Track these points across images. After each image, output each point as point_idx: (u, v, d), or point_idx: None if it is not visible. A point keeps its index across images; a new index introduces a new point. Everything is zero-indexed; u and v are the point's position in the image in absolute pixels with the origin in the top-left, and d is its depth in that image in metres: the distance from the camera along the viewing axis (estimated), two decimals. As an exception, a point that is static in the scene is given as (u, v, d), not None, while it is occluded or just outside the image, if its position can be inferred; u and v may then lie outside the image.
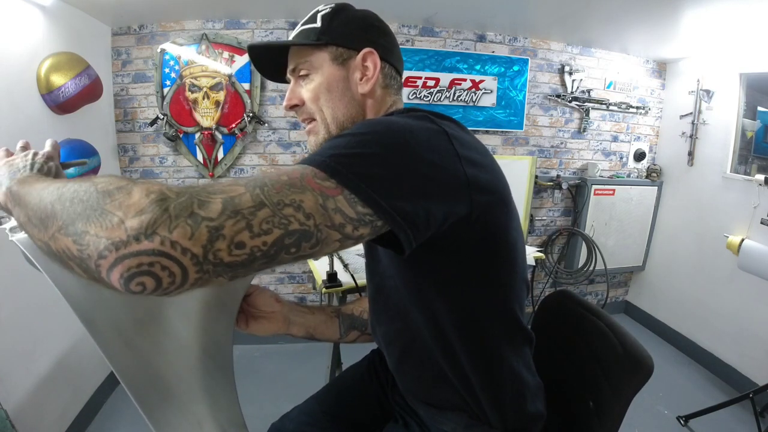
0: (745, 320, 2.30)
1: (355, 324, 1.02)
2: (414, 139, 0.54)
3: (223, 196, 0.40)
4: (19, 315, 1.58)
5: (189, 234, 0.37)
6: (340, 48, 0.73)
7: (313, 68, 0.74)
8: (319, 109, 0.74)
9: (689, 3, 1.91)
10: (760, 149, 2.31)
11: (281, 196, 0.42)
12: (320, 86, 0.73)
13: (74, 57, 1.83)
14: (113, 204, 0.37)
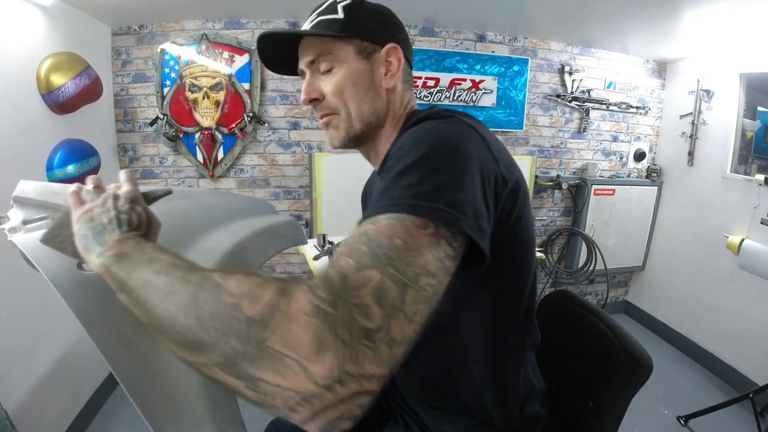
0: (745, 320, 2.30)
1: None
2: (466, 152, 0.53)
3: (369, 290, 0.38)
4: (19, 315, 1.58)
5: (373, 359, 0.35)
6: (365, 42, 0.71)
7: (337, 61, 0.70)
8: (342, 103, 0.72)
9: (689, 3, 1.91)
10: (760, 149, 2.31)
11: (411, 267, 0.41)
12: (345, 80, 0.70)
13: (74, 57, 1.83)
14: (277, 341, 0.34)
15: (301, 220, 2.65)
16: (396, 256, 0.41)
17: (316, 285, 0.37)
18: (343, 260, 0.41)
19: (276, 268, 2.70)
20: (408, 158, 0.51)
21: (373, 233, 0.44)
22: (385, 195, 0.49)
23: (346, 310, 0.36)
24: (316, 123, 2.56)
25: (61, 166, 1.77)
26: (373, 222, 0.45)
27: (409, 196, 0.46)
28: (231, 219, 0.70)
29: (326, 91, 0.71)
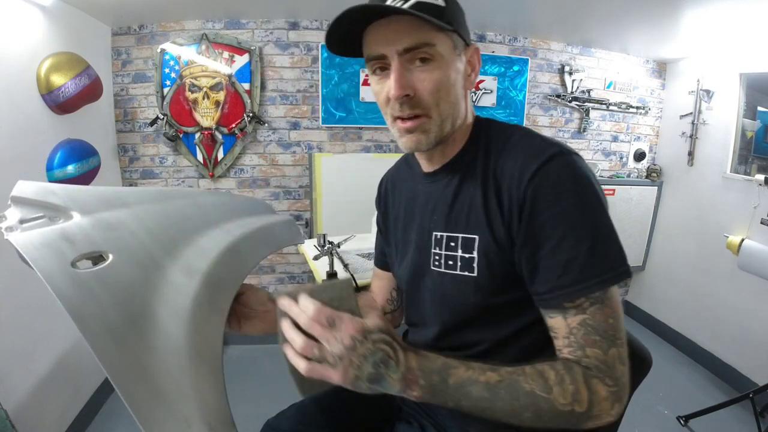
0: (745, 320, 2.30)
1: None
2: (602, 194, 0.63)
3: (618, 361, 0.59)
4: (19, 315, 1.59)
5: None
6: (460, 38, 0.66)
7: (438, 55, 0.63)
8: (435, 103, 0.65)
9: (689, 3, 1.90)
10: (760, 149, 2.30)
11: (621, 328, 0.61)
12: (444, 77, 0.64)
13: (74, 57, 1.84)
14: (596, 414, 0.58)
15: (301, 220, 2.66)
16: (614, 331, 0.59)
17: (599, 376, 0.58)
18: (590, 351, 0.59)
19: (276, 268, 2.70)
20: (565, 223, 0.60)
21: (591, 321, 0.59)
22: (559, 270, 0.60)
23: (621, 385, 0.59)
24: (316, 123, 2.56)
25: (61, 166, 1.78)
26: (582, 310, 0.60)
27: (587, 275, 0.58)
28: (227, 218, 0.70)
29: (421, 88, 0.64)
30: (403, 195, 0.88)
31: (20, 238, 0.48)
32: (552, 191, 0.60)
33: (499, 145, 0.69)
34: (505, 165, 0.66)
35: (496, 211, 0.66)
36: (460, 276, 0.71)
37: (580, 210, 0.60)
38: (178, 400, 0.41)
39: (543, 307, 0.64)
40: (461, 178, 0.73)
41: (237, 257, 0.64)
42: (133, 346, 0.43)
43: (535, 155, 0.63)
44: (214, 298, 0.55)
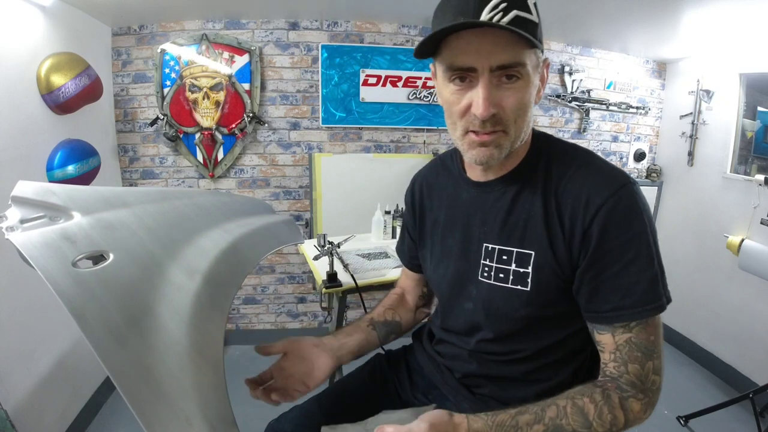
0: (745, 320, 2.30)
1: (391, 329, 0.99)
2: (654, 226, 0.67)
3: (653, 372, 0.66)
4: (19, 315, 1.59)
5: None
6: (540, 54, 0.64)
7: (527, 73, 0.62)
8: (514, 120, 0.64)
9: (689, 3, 1.90)
10: (760, 149, 2.30)
11: (660, 344, 0.67)
12: (526, 98, 0.63)
13: (74, 57, 1.84)
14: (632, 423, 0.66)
15: (301, 220, 2.66)
16: (653, 347, 0.66)
17: (634, 394, 0.66)
18: (632, 367, 0.66)
19: (276, 268, 2.70)
20: (632, 250, 0.64)
21: (636, 340, 0.66)
22: (622, 292, 0.65)
23: (652, 393, 0.67)
24: (316, 123, 2.56)
25: (61, 166, 1.78)
26: (629, 329, 0.66)
27: (646, 300, 0.64)
28: (226, 218, 0.70)
29: (505, 106, 0.63)
30: (443, 200, 0.86)
31: (21, 237, 0.48)
32: (622, 220, 0.64)
33: (563, 166, 0.70)
34: (569, 185, 0.68)
35: (557, 230, 0.68)
36: (511, 290, 0.73)
37: (645, 239, 0.64)
38: (180, 399, 0.41)
39: (594, 322, 0.70)
40: (517, 192, 0.73)
41: (237, 257, 0.64)
42: (135, 345, 0.43)
43: (606, 183, 0.65)
44: (215, 298, 0.55)
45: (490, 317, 0.77)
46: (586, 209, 0.65)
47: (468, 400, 0.84)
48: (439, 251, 0.86)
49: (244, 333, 2.75)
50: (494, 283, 0.75)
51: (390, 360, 1.02)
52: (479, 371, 0.83)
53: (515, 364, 0.79)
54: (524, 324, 0.74)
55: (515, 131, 0.65)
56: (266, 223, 0.76)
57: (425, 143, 2.69)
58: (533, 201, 0.71)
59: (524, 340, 0.77)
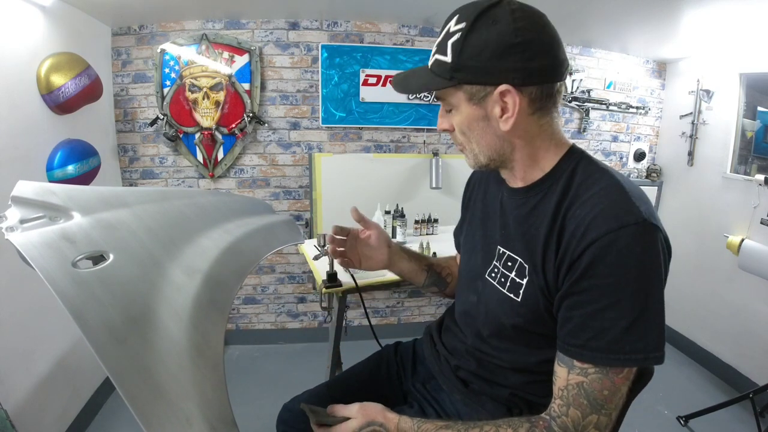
0: (745, 320, 2.30)
1: (437, 283, 1.09)
2: (660, 281, 0.62)
3: (592, 426, 0.63)
4: (19, 315, 1.59)
5: None
6: (474, 86, 0.67)
7: (452, 105, 0.72)
8: (467, 140, 0.74)
9: (689, 3, 1.90)
10: (760, 149, 2.30)
11: (613, 402, 0.63)
12: (461, 124, 0.72)
13: (74, 57, 1.84)
14: None
15: (301, 220, 2.66)
16: (604, 401, 0.63)
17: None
18: (572, 411, 0.64)
19: (276, 268, 2.70)
20: (614, 295, 0.60)
21: (588, 387, 0.63)
22: (590, 333, 0.62)
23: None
24: (316, 123, 2.56)
25: (61, 166, 1.78)
26: (585, 374, 0.63)
27: (612, 349, 0.60)
28: (227, 218, 0.70)
29: (454, 126, 0.74)
30: (487, 196, 0.90)
31: (21, 238, 0.48)
32: (612, 261, 0.60)
33: (581, 187, 0.68)
34: (577, 211, 0.66)
35: (552, 252, 0.68)
36: (505, 296, 0.76)
37: (633, 288, 0.60)
38: (179, 399, 0.41)
39: (559, 350, 0.68)
40: (535, 204, 0.74)
41: (237, 257, 0.64)
42: (134, 345, 0.43)
43: (610, 217, 0.61)
44: (215, 297, 0.55)
45: (488, 315, 0.81)
46: (581, 240, 0.62)
47: (461, 392, 0.89)
48: (468, 241, 0.93)
49: (244, 333, 2.75)
50: (495, 285, 0.79)
51: (398, 350, 1.10)
52: (473, 367, 0.87)
53: (505, 371, 0.82)
54: (514, 333, 0.77)
55: (472, 148, 0.74)
56: (266, 223, 0.77)
57: (425, 143, 2.69)
58: (544, 218, 0.71)
59: (516, 349, 0.79)
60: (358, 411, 0.76)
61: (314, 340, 2.77)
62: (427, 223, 2.30)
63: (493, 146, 0.72)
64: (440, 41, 0.68)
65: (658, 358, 0.60)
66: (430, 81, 0.70)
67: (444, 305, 2.93)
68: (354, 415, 0.76)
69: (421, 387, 0.98)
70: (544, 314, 0.71)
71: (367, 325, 1.46)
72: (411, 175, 2.65)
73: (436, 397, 0.94)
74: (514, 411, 0.82)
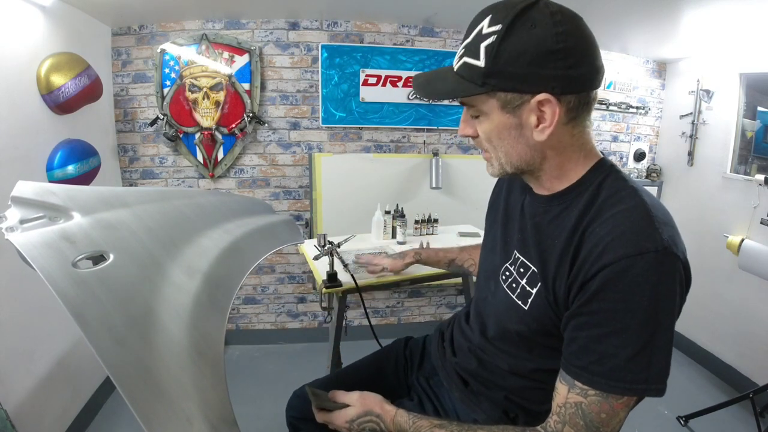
0: (745, 320, 2.30)
1: (459, 273, 1.23)
2: (671, 312, 0.60)
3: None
4: (19, 315, 1.59)
5: None
6: (510, 94, 0.63)
7: (482, 112, 0.67)
8: (492, 147, 0.70)
9: (689, 3, 1.90)
10: (760, 149, 2.30)
11: (610, 426, 0.62)
12: (490, 132, 0.68)
13: (74, 57, 1.84)
14: None
15: (301, 220, 2.66)
16: (601, 424, 0.61)
17: None
18: (567, 429, 0.63)
19: (276, 268, 2.70)
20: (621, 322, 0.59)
21: (586, 408, 0.62)
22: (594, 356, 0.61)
23: None
24: (316, 123, 2.56)
25: (61, 166, 1.78)
26: (585, 395, 0.62)
27: (613, 377, 0.59)
28: (227, 218, 0.70)
29: (478, 132, 0.71)
30: (511, 197, 0.89)
31: (21, 238, 0.48)
32: (624, 288, 0.58)
33: (605, 204, 0.65)
34: (597, 228, 0.63)
35: (566, 268, 0.66)
36: (513, 302, 0.75)
37: (642, 318, 0.58)
38: (180, 399, 0.41)
39: (562, 368, 0.67)
40: (557, 215, 0.72)
41: (237, 257, 0.64)
42: (135, 345, 0.43)
43: (629, 243, 0.58)
44: (215, 297, 0.55)
45: (495, 317, 0.81)
46: (596, 261, 0.60)
47: (460, 390, 0.90)
48: (488, 238, 0.94)
49: (244, 333, 2.75)
50: (505, 289, 0.79)
51: (408, 345, 1.13)
52: (473, 366, 0.87)
53: (503, 374, 0.82)
54: (518, 338, 0.76)
55: (498, 156, 0.71)
56: (266, 223, 0.77)
57: (425, 143, 2.69)
58: (562, 230, 0.69)
59: (516, 354, 0.79)
60: (357, 399, 0.78)
61: (314, 340, 2.77)
62: (427, 223, 2.30)
63: (523, 156, 0.69)
64: (470, 43, 0.63)
65: (659, 390, 0.59)
66: (460, 87, 0.65)
67: (444, 305, 2.94)
68: (353, 403, 0.78)
69: (424, 382, 1.00)
70: (551, 327, 0.70)
71: (367, 325, 1.47)
72: (411, 175, 2.65)
73: (436, 393, 0.96)
74: (510, 415, 0.82)
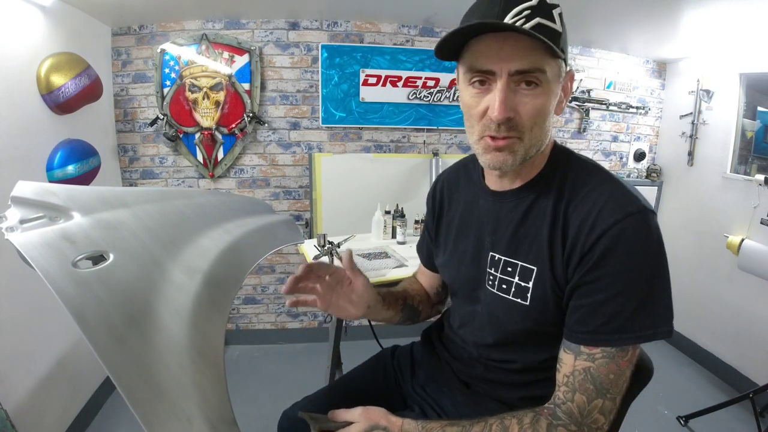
0: (745, 320, 2.30)
1: (411, 317, 1.03)
2: (665, 263, 0.64)
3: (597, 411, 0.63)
4: (19, 315, 1.58)
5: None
6: (563, 65, 0.64)
7: (545, 81, 0.62)
8: (530, 127, 0.64)
9: (689, 3, 1.90)
10: (760, 149, 2.30)
11: (618, 386, 0.63)
12: (544, 105, 0.63)
13: (74, 57, 1.84)
14: None
15: (301, 220, 2.66)
16: (610, 386, 0.63)
17: (566, 424, 0.64)
18: (578, 396, 0.64)
19: (276, 268, 2.70)
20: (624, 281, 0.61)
21: (594, 372, 0.63)
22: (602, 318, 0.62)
23: (588, 430, 0.63)
24: (316, 123, 2.56)
25: (61, 166, 1.78)
26: (592, 359, 0.63)
27: (624, 329, 0.61)
28: (226, 218, 0.70)
29: (522, 111, 0.63)
30: (460, 203, 0.88)
31: (21, 238, 0.48)
32: (622, 250, 0.61)
33: (578, 184, 0.68)
34: (578, 207, 0.66)
35: (559, 249, 0.67)
36: (512, 302, 0.74)
37: (642, 271, 0.62)
38: (180, 399, 0.41)
39: (566, 339, 0.68)
40: (530, 205, 0.72)
41: (237, 257, 0.64)
42: (135, 345, 0.43)
43: (612, 210, 0.62)
44: (215, 297, 0.55)
45: (492, 324, 0.79)
46: (590, 233, 0.63)
47: (463, 393, 0.88)
48: (452, 253, 0.88)
49: (244, 333, 2.75)
50: (497, 293, 0.77)
51: (395, 354, 1.07)
52: (478, 372, 0.86)
53: (513, 373, 0.81)
54: (523, 336, 0.76)
55: (530, 138, 0.65)
56: (266, 222, 0.77)
57: (425, 143, 2.69)
58: (543, 217, 0.70)
59: (523, 351, 0.78)
60: (360, 415, 0.74)
61: (314, 340, 2.77)
62: (427, 223, 2.30)
63: (547, 133, 0.68)
64: (537, 6, 0.59)
65: (667, 332, 0.63)
66: (552, 44, 0.58)
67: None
68: (356, 419, 0.74)
69: (420, 390, 0.97)
70: (554, 311, 0.70)
71: (367, 325, 1.46)
72: (411, 175, 2.65)
73: (436, 400, 0.93)
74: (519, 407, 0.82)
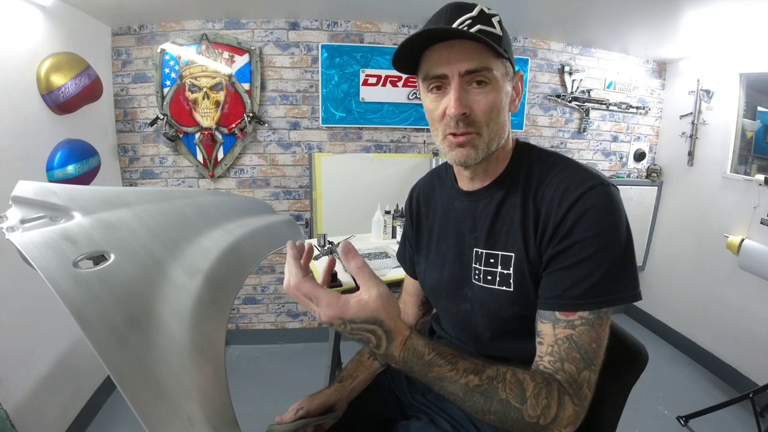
0: (745, 320, 2.30)
1: None
2: (628, 227, 0.67)
3: (586, 384, 0.63)
4: (19, 315, 1.59)
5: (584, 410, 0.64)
6: (510, 65, 0.72)
7: (495, 79, 0.68)
8: (486, 123, 0.70)
9: (689, 3, 1.91)
10: (760, 149, 2.31)
11: (600, 356, 0.65)
12: (496, 101, 0.69)
13: (74, 57, 1.84)
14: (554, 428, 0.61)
15: (301, 220, 2.65)
16: (594, 356, 0.64)
17: (572, 396, 0.62)
18: (568, 366, 0.64)
19: (276, 268, 2.70)
20: (591, 247, 0.65)
21: (578, 339, 0.64)
22: (569, 282, 0.65)
23: (581, 404, 0.63)
24: (316, 123, 2.56)
25: (61, 166, 1.78)
26: (572, 326, 0.65)
27: (591, 294, 0.64)
28: (227, 218, 0.70)
29: (476, 108, 0.69)
30: (437, 209, 0.90)
31: (21, 238, 0.48)
32: (588, 218, 0.65)
33: (542, 172, 0.74)
34: (546, 192, 0.71)
35: (531, 233, 0.72)
36: (498, 290, 0.76)
37: (607, 238, 0.65)
38: (181, 399, 0.41)
39: (540, 309, 0.70)
40: (502, 199, 0.77)
41: (238, 257, 0.64)
42: (136, 345, 0.43)
43: (577, 185, 0.68)
44: (216, 297, 0.55)
45: (484, 317, 0.80)
46: (559, 208, 0.67)
47: None
48: (434, 257, 0.90)
49: (245, 333, 2.75)
50: (484, 285, 0.79)
51: (387, 365, 1.03)
52: None
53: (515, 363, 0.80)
54: (516, 324, 0.77)
55: (488, 133, 0.71)
56: (267, 223, 0.77)
57: (425, 143, 2.69)
58: (515, 207, 0.75)
59: (518, 340, 0.78)
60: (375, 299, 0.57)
61: (314, 340, 2.77)
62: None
63: (504, 129, 0.73)
64: (478, 15, 0.66)
65: (634, 296, 0.66)
66: (495, 46, 0.65)
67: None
68: (369, 300, 0.57)
69: (421, 398, 0.94)
70: (534, 294, 0.72)
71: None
72: (411, 175, 2.65)
73: (441, 406, 0.90)
74: None
